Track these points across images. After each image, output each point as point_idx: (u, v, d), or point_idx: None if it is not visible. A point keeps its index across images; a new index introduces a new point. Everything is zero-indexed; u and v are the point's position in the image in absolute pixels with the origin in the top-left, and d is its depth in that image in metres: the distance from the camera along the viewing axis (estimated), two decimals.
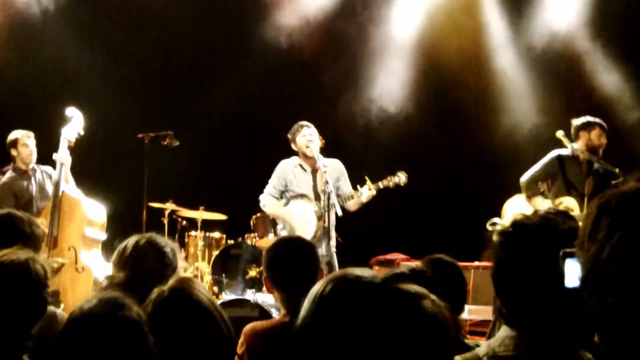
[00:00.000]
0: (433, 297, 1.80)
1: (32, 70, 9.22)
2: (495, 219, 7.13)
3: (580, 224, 1.66)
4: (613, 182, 6.60)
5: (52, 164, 6.81)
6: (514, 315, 2.06)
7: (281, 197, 7.25)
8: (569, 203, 6.78)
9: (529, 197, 6.98)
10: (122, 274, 3.08)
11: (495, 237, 2.09)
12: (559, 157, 6.97)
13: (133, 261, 3.15)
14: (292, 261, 3.37)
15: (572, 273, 1.69)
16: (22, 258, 2.71)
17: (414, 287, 1.82)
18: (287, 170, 7.18)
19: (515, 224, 2.07)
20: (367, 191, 6.90)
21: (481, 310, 7.27)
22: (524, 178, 7.04)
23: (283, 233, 7.16)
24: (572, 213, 6.18)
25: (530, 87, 9.70)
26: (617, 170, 6.67)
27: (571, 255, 1.69)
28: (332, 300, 1.78)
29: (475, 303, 7.04)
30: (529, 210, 5.43)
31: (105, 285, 3.06)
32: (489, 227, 7.19)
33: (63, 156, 6.68)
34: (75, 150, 6.86)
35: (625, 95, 9.22)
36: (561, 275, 1.70)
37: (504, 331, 2.07)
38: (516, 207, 6.95)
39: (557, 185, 6.97)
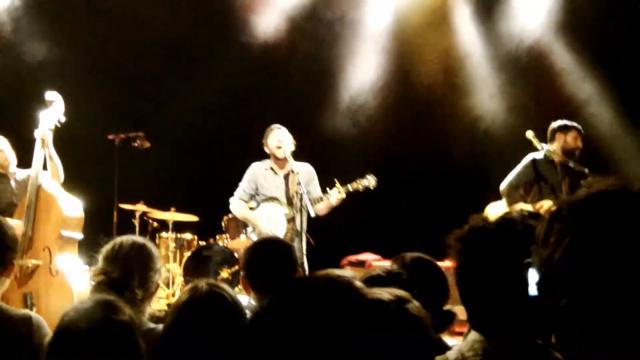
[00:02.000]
0: (415, 301, 1.82)
1: (0, 69, 9.11)
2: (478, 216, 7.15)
3: None
4: (582, 182, 6.66)
5: (27, 166, 6.63)
6: (479, 319, 2.08)
7: (251, 200, 7.25)
8: (548, 206, 6.83)
9: (510, 205, 7.01)
10: (115, 271, 3.09)
11: (453, 244, 2.11)
12: (534, 161, 7.01)
13: (126, 259, 3.15)
14: (269, 262, 3.39)
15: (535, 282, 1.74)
16: None
17: (398, 292, 1.84)
18: (257, 173, 7.18)
19: (472, 229, 2.09)
20: (337, 194, 6.93)
21: (458, 311, 7.28)
22: (502, 185, 7.07)
23: (252, 236, 7.16)
24: None
25: (500, 87, 9.77)
26: (586, 170, 6.74)
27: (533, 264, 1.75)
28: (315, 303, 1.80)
29: (457, 303, 7.06)
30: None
31: (100, 280, 3.06)
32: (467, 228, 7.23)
33: (42, 131, 6.37)
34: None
35: (594, 97, 9.31)
36: (524, 283, 1.75)
37: (472, 335, 2.09)
38: (498, 212, 6.97)
39: (535, 189, 7.02)
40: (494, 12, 9.74)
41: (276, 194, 7.10)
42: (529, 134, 6.96)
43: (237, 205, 7.22)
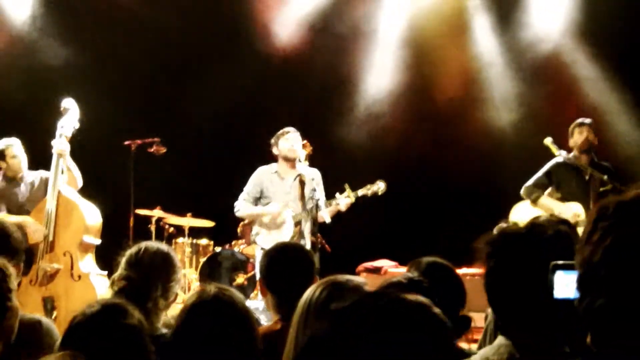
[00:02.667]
0: (436, 308, 1.80)
1: (18, 76, 9.16)
2: (503, 224, 7.10)
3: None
4: (601, 189, 6.63)
5: (44, 168, 6.66)
6: (508, 324, 2.07)
7: (255, 205, 7.19)
8: (575, 209, 6.79)
9: (534, 201, 6.96)
10: (138, 278, 3.08)
11: (484, 248, 2.10)
12: (557, 165, 6.98)
13: (149, 267, 3.15)
14: (288, 266, 3.40)
15: (562, 284, 1.73)
16: None
17: (420, 298, 1.83)
18: (263, 177, 7.13)
19: (503, 233, 2.09)
20: (345, 200, 6.90)
21: (474, 317, 7.24)
22: (523, 189, 7.03)
23: (258, 238, 7.09)
24: (578, 218, 6.24)
25: (518, 95, 9.73)
26: (605, 177, 6.69)
27: (561, 267, 1.74)
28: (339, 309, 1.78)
29: (472, 310, 7.00)
30: (534, 215, 5.34)
31: (122, 286, 3.05)
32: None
33: (60, 146, 6.41)
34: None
35: (614, 105, 9.27)
36: (550, 287, 1.74)
37: (499, 340, 2.08)
38: (523, 213, 6.94)
39: (561, 192, 6.98)
40: (512, 19, 9.70)
41: (283, 198, 7.05)
42: (547, 141, 6.92)
43: (242, 205, 7.15)
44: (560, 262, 1.76)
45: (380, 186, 6.99)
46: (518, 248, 2.03)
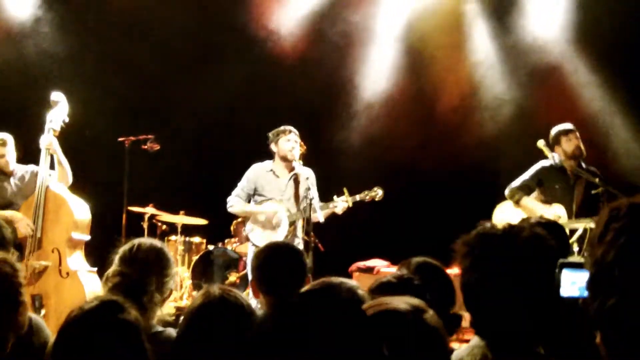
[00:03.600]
0: (430, 310, 1.81)
1: (12, 69, 9.14)
2: (486, 223, 7.13)
3: (567, 230, 1.70)
4: (593, 192, 6.65)
5: (35, 162, 6.60)
6: (482, 325, 2.07)
7: (249, 201, 7.18)
8: (557, 210, 6.82)
9: (517, 202, 6.99)
10: (133, 273, 3.07)
11: (460, 248, 2.10)
12: (544, 168, 7.01)
13: (144, 263, 3.14)
14: (280, 266, 3.40)
15: (567, 283, 1.74)
16: None
17: (414, 300, 1.84)
18: (258, 175, 7.12)
19: (478, 234, 2.09)
20: (343, 203, 6.92)
21: (465, 316, 7.27)
22: (508, 189, 7.06)
23: (252, 234, 7.07)
24: (559, 220, 6.26)
25: (514, 96, 9.75)
26: (597, 180, 6.70)
27: (568, 265, 1.75)
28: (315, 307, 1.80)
29: (463, 309, 7.03)
30: (517, 216, 5.43)
31: (117, 281, 3.04)
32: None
33: (48, 140, 6.40)
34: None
35: (607, 106, 9.29)
36: (557, 285, 1.75)
37: (474, 341, 2.10)
38: (505, 214, 6.98)
39: (545, 195, 7.01)
40: (510, 23, 9.72)
41: (277, 196, 7.04)
42: (540, 144, 6.94)
43: (236, 201, 7.13)
44: (567, 260, 1.77)
45: (377, 193, 7.04)
46: (494, 249, 2.04)
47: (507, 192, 7.06)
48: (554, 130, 7.04)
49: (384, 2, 9.99)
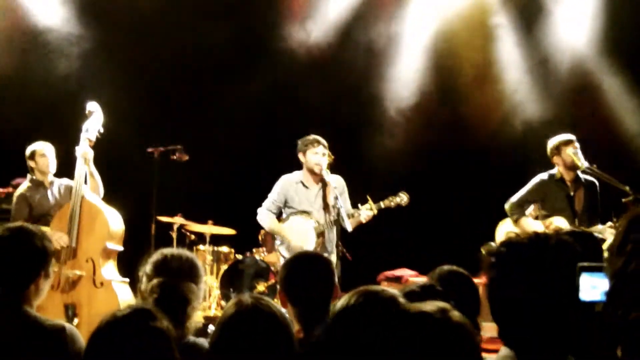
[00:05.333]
0: (456, 311, 1.81)
1: (43, 82, 9.25)
2: (491, 243, 7.13)
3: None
4: (623, 200, 6.58)
5: (69, 173, 6.68)
6: (509, 335, 2.05)
7: (280, 213, 7.19)
8: (559, 222, 6.77)
9: (516, 221, 6.96)
10: (169, 281, 3.09)
11: (487, 258, 2.09)
12: (544, 183, 6.97)
13: (177, 271, 3.17)
14: (308, 276, 3.37)
15: (587, 287, 1.72)
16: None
17: (439, 303, 1.84)
18: (288, 187, 7.12)
19: (505, 243, 2.08)
20: (367, 211, 6.88)
21: (492, 328, 7.24)
22: (507, 204, 7.03)
23: (281, 248, 7.10)
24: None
25: (541, 103, 9.69)
26: (627, 188, 6.64)
27: (587, 269, 1.73)
28: (359, 313, 1.81)
29: (485, 320, 6.99)
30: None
31: (156, 290, 3.07)
32: (484, 251, 7.19)
33: (84, 150, 6.47)
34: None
35: (632, 112, 9.22)
36: (576, 289, 1.73)
37: (502, 351, 2.08)
38: (508, 230, 6.97)
39: (545, 208, 6.97)
40: (536, 28, 9.69)
41: (307, 207, 7.04)
42: (570, 151, 6.88)
43: (265, 216, 7.15)
44: (586, 264, 1.75)
45: (403, 198, 6.98)
46: (521, 258, 2.01)
47: (506, 207, 7.02)
48: (554, 140, 6.98)
49: (412, 11, 9.99)
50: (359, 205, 6.96)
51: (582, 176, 6.94)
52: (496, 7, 9.82)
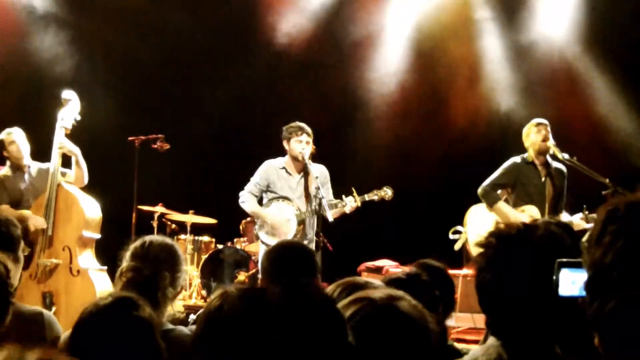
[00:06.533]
0: (409, 298, 1.81)
1: (22, 70, 9.19)
2: (458, 227, 7.16)
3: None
4: (603, 192, 6.62)
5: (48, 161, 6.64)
6: (498, 324, 2.06)
7: (262, 198, 7.17)
8: (531, 211, 6.81)
9: (490, 205, 6.98)
10: (146, 269, 3.07)
11: (476, 248, 2.10)
12: (515, 165, 7.00)
13: (156, 259, 3.15)
14: (289, 266, 3.37)
15: (567, 282, 1.73)
16: None
17: (392, 291, 1.84)
18: (271, 171, 7.10)
19: (494, 234, 2.08)
20: (352, 202, 6.90)
21: (468, 318, 7.30)
22: (480, 188, 7.05)
23: (261, 233, 7.06)
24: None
25: (524, 97, 9.74)
26: (607, 180, 6.67)
27: (566, 265, 1.74)
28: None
29: (463, 311, 7.04)
30: (490, 218, 5.46)
31: (130, 277, 3.05)
32: (451, 236, 7.23)
33: (60, 141, 6.44)
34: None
35: (618, 106, 9.28)
36: (555, 284, 1.74)
37: (490, 340, 2.07)
38: (478, 216, 6.99)
39: (516, 193, 7.00)
40: (519, 20, 9.72)
41: (289, 194, 7.03)
42: (550, 144, 6.91)
43: (248, 198, 7.11)
44: (565, 259, 1.76)
45: (387, 192, 7.00)
46: (509, 248, 2.02)
47: (480, 191, 7.04)
48: (528, 124, 7.02)
49: (393, 5, 10.01)
50: (343, 196, 6.96)
51: (552, 163, 6.97)
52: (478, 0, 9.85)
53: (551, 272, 1.77)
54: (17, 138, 6.70)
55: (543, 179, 6.96)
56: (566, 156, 6.87)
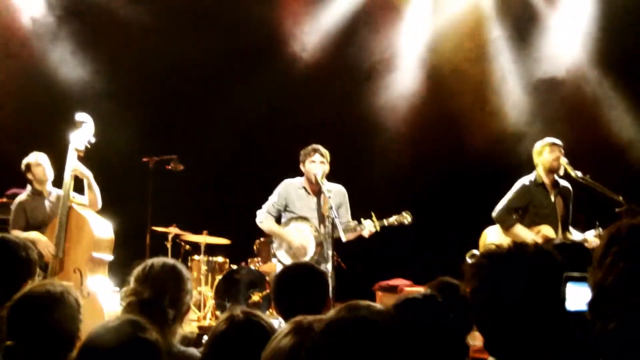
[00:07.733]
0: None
1: (36, 91, 9.25)
2: (474, 251, 7.13)
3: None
4: (617, 210, 6.60)
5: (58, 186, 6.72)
6: (494, 345, 2.05)
7: (279, 217, 7.13)
8: (546, 231, 6.78)
9: (507, 229, 6.94)
10: (146, 291, 3.08)
11: (468, 269, 2.10)
12: (525, 187, 6.98)
13: (157, 280, 3.15)
14: (299, 289, 3.32)
15: (574, 297, 1.72)
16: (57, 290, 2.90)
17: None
18: (290, 190, 7.05)
19: (485, 254, 2.08)
20: (371, 227, 6.84)
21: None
22: (495, 212, 7.02)
23: (278, 252, 7.02)
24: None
25: (533, 115, 9.71)
26: (620, 198, 6.65)
27: (573, 279, 1.73)
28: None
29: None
30: (506, 241, 5.42)
31: (131, 300, 3.07)
32: (469, 259, 7.19)
33: (74, 166, 6.45)
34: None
35: (629, 126, 9.25)
36: (562, 299, 1.73)
37: None
38: (493, 239, 6.97)
39: (529, 215, 6.97)
40: (530, 40, 9.72)
41: (307, 214, 6.98)
42: (563, 161, 6.90)
43: (264, 217, 7.07)
44: (572, 274, 1.75)
45: (407, 218, 6.96)
46: (500, 267, 2.02)
47: (495, 216, 7.02)
48: (539, 142, 7.02)
49: (407, 24, 10.03)
50: (362, 219, 6.92)
51: (560, 181, 6.97)
52: (491, 20, 9.85)
53: (542, 289, 1.76)
54: (44, 161, 6.78)
55: (553, 199, 6.94)
56: (579, 174, 6.85)
